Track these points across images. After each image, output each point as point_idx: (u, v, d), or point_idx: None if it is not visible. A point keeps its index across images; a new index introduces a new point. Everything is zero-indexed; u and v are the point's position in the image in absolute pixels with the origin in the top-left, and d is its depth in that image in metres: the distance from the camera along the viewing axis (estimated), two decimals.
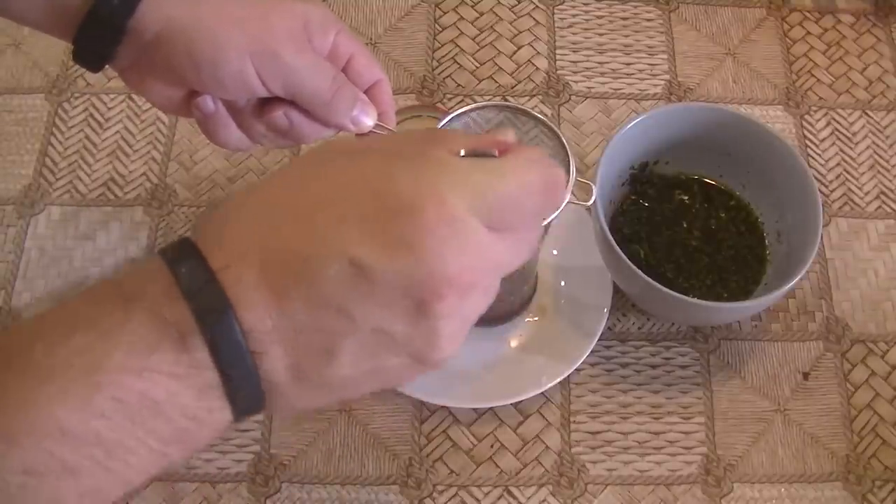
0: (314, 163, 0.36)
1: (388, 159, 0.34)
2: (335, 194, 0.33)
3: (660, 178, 0.69)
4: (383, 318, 0.33)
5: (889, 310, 0.69)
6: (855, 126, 0.78)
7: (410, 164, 0.34)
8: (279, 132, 0.51)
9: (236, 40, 0.46)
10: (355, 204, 0.33)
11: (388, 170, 0.34)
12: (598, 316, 0.65)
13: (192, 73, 0.47)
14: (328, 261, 0.32)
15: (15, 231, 0.70)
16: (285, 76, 0.47)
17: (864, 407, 0.66)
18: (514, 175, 0.35)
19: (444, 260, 0.32)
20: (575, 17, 0.82)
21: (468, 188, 0.34)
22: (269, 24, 0.47)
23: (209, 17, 0.46)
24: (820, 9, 0.84)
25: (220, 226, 0.34)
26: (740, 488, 0.63)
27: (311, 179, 0.35)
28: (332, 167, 0.35)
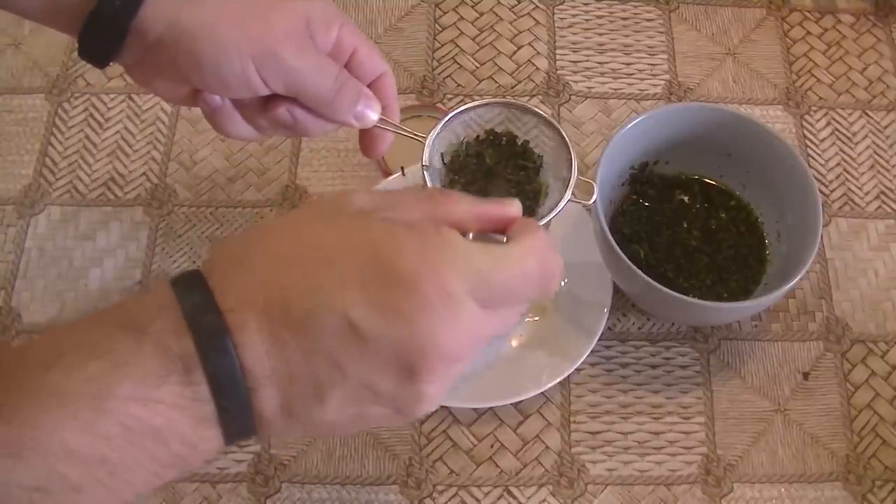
0: (325, 215, 0.38)
1: (397, 230, 0.36)
2: (341, 255, 0.35)
3: (660, 178, 0.69)
4: (372, 376, 0.35)
5: (889, 310, 0.69)
6: (855, 126, 0.78)
7: (419, 240, 0.36)
8: (283, 127, 0.52)
9: (237, 42, 0.46)
10: (360, 268, 0.35)
11: (397, 241, 0.35)
12: (598, 316, 0.65)
13: (195, 74, 0.48)
14: (327, 318, 0.34)
15: (15, 231, 0.70)
16: (287, 76, 0.48)
17: (864, 407, 0.66)
18: (517, 265, 0.38)
19: (436, 335, 0.35)
20: (575, 17, 0.82)
21: (470, 273, 0.36)
22: (270, 25, 0.47)
23: (211, 19, 0.46)
24: (820, 9, 0.84)
25: (229, 268, 0.36)
26: (740, 488, 0.63)
27: (320, 234, 0.37)
28: (342, 225, 0.37)
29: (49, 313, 0.67)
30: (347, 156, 0.74)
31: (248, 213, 0.72)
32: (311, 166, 0.74)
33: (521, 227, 0.40)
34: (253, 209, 0.72)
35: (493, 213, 0.40)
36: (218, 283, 0.35)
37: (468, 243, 0.37)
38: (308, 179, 0.73)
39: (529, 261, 0.38)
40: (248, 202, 0.72)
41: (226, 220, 0.71)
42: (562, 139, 0.52)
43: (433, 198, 0.39)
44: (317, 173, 0.74)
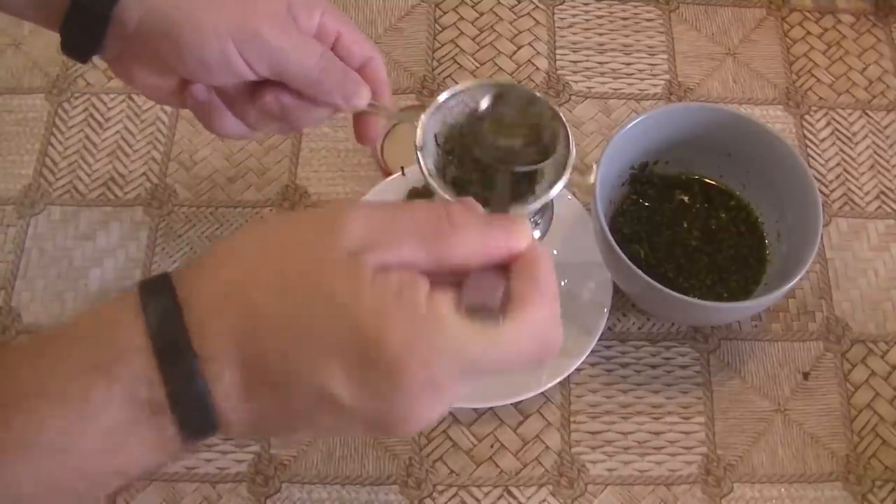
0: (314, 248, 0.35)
1: (387, 307, 0.33)
2: (324, 323, 0.34)
3: (660, 178, 0.69)
4: (344, 429, 0.36)
5: (889, 310, 0.69)
6: (855, 126, 0.78)
7: (409, 323, 0.33)
8: (273, 117, 0.51)
9: (217, 24, 0.46)
10: (342, 342, 0.33)
11: (384, 321, 0.33)
12: (598, 315, 0.65)
13: (176, 59, 0.47)
14: (305, 385, 0.34)
15: (15, 231, 0.70)
16: (270, 57, 0.47)
17: (864, 407, 0.66)
18: (512, 349, 0.35)
19: (413, 412, 0.34)
20: (575, 17, 0.82)
21: (460, 360, 0.34)
22: (251, 6, 0.47)
23: (188, 2, 0.46)
24: (820, 9, 0.84)
25: (209, 303, 0.34)
26: (740, 488, 0.63)
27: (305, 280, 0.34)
28: (329, 277, 0.34)
29: (49, 313, 0.67)
30: (347, 156, 0.74)
31: (248, 212, 0.72)
32: (311, 166, 0.74)
33: (526, 284, 0.36)
34: (253, 209, 0.72)
35: (499, 247, 0.37)
36: (195, 322, 0.34)
37: (461, 326, 0.34)
38: (308, 179, 0.73)
39: (526, 343, 0.36)
40: (248, 202, 0.72)
41: (226, 220, 0.71)
42: (559, 121, 0.52)
43: (437, 231, 0.36)
44: (317, 173, 0.73)
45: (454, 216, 0.36)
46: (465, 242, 0.36)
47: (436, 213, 0.36)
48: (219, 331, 0.34)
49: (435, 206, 0.37)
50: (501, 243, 0.37)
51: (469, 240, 0.36)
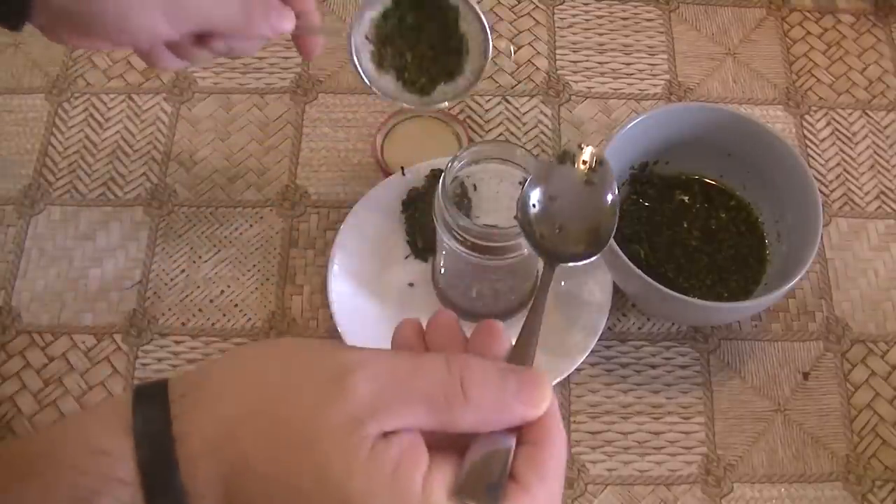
0: (315, 399, 0.34)
1: (379, 492, 0.32)
2: (314, 492, 0.33)
3: (660, 178, 0.69)
4: None
5: (889, 310, 0.69)
6: (855, 126, 0.78)
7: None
8: (215, 55, 0.54)
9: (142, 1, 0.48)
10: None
11: (372, 502, 0.32)
12: (598, 315, 0.65)
13: (105, 35, 0.49)
14: None
15: (15, 231, 0.70)
16: (196, 18, 0.50)
17: (864, 407, 0.66)
18: None
19: None
20: (575, 17, 0.82)
21: None
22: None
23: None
24: (820, 9, 0.84)
25: (200, 452, 0.34)
26: (740, 488, 0.63)
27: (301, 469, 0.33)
28: (325, 444, 0.33)
29: (49, 313, 0.67)
30: (347, 156, 0.74)
31: (249, 212, 0.72)
32: (311, 166, 0.74)
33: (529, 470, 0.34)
34: (253, 209, 0.72)
35: (512, 420, 0.35)
36: (186, 458, 0.33)
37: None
38: (308, 179, 0.73)
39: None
40: (248, 202, 0.72)
41: (226, 220, 0.71)
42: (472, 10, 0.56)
43: (449, 400, 0.34)
44: (317, 173, 0.73)
45: (469, 385, 0.34)
46: (475, 414, 0.34)
47: (450, 378, 0.34)
48: (208, 474, 0.33)
49: (449, 368, 0.34)
50: (516, 417, 0.35)
51: (481, 412, 0.34)
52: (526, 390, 0.35)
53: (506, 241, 0.55)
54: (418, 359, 0.35)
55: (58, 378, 0.65)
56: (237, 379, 0.35)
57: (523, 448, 0.35)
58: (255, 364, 0.36)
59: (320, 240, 0.71)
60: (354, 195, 0.71)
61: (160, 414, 0.34)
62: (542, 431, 0.35)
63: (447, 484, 0.33)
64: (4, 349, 0.66)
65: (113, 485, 0.33)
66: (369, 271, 0.67)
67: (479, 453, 0.34)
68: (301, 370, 0.35)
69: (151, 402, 0.34)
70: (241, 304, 0.68)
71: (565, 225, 0.46)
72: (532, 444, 0.35)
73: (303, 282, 0.69)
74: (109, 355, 0.66)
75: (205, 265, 0.70)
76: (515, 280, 0.62)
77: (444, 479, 0.33)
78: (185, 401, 0.34)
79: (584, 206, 0.47)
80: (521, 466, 0.34)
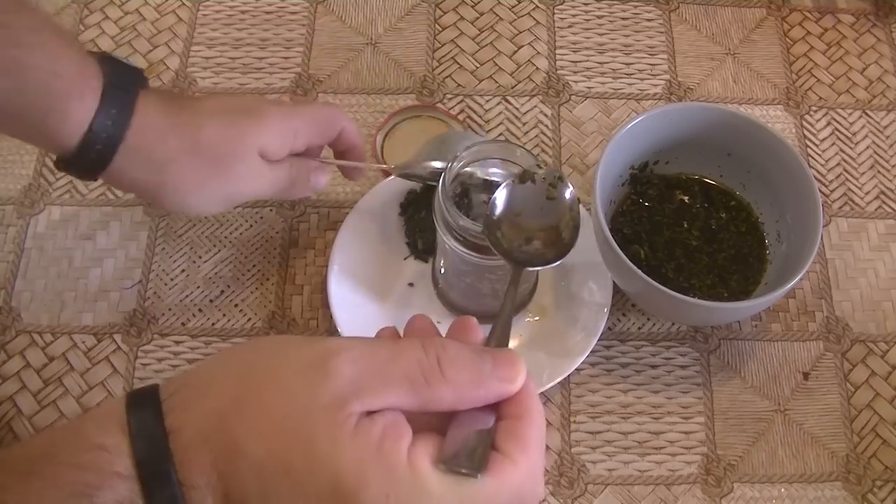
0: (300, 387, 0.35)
1: (367, 464, 0.34)
2: (303, 472, 0.34)
3: (660, 178, 0.69)
4: None
5: (889, 310, 0.70)
6: (855, 126, 0.78)
7: (387, 477, 0.34)
8: None
9: (199, 193, 0.54)
10: (321, 489, 0.34)
11: (363, 478, 0.34)
12: (598, 315, 0.65)
13: (162, 207, 0.59)
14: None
15: (15, 231, 0.70)
16: (248, 198, 0.58)
17: (864, 407, 0.66)
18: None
19: None
20: (575, 17, 0.82)
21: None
22: (230, 173, 0.54)
23: (174, 180, 0.53)
24: (820, 9, 0.84)
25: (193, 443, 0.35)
26: (740, 488, 0.63)
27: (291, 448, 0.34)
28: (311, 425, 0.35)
29: (49, 313, 0.67)
30: None
31: (249, 212, 0.72)
32: None
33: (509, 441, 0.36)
34: (253, 209, 0.72)
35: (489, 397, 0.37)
36: (180, 451, 0.35)
37: (439, 483, 0.34)
38: None
39: (503, 500, 0.35)
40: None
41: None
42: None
43: (427, 379, 0.36)
44: None
45: (446, 364, 0.36)
46: (454, 391, 0.36)
47: (427, 358, 0.36)
48: (202, 462, 0.35)
49: (426, 349, 0.36)
50: (493, 393, 0.37)
51: (459, 388, 0.36)
52: (501, 367, 0.37)
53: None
54: (396, 343, 0.38)
55: (58, 378, 0.65)
56: (224, 373, 0.37)
57: (504, 423, 0.37)
58: (240, 358, 0.38)
59: (320, 240, 0.71)
60: (354, 195, 0.71)
61: (153, 411, 0.35)
62: (519, 406, 0.37)
63: (431, 455, 0.35)
64: (4, 349, 0.66)
65: (112, 479, 0.34)
66: (369, 271, 0.67)
67: (462, 429, 0.36)
68: (285, 359, 0.37)
69: (144, 402, 0.36)
70: (241, 304, 0.68)
71: (532, 236, 0.51)
72: (512, 419, 0.37)
73: (303, 282, 0.69)
74: (109, 355, 0.66)
75: (205, 265, 0.70)
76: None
77: (427, 451, 0.35)
78: (175, 398, 0.36)
79: (547, 217, 0.52)
80: (503, 439, 0.36)
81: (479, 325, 0.41)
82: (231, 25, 0.80)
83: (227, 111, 0.54)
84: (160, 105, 0.52)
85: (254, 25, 0.80)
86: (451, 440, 0.36)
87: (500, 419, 0.37)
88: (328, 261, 0.67)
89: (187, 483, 0.34)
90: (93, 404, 0.64)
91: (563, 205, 0.52)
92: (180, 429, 0.35)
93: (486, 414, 0.37)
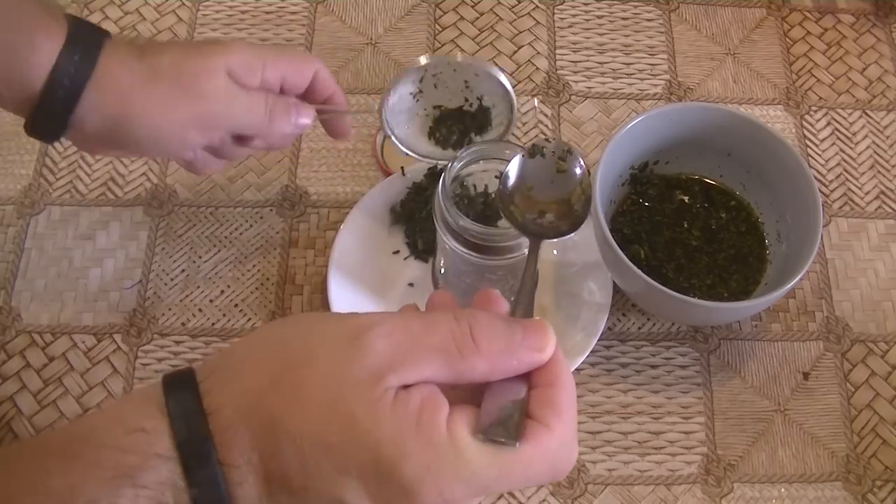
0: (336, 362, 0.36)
1: (406, 432, 0.34)
2: (344, 444, 0.34)
3: (660, 178, 0.69)
4: None
5: (889, 310, 0.70)
6: (855, 126, 0.78)
7: (426, 449, 0.34)
8: (257, 149, 0.59)
9: (171, 120, 0.52)
10: (361, 463, 0.34)
11: (403, 446, 0.34)
12: (598, 315, 0.65)
13: (138, 151, 0.56)
14: (324, 495, 0.35)
15: (15, 231, 0.70)
16: (226, 126, 0.55)
17: (864, 407, 0.66)
18: (526, 472, 0.36)
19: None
20: (575, 17, 0.82)
21: (474, 483, 0.35)
22: (198, 93, 0.52)
23: (141, 109, 0.51)
24: (820, 9, 0.84)
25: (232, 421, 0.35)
26: (740, 488, 0.63)
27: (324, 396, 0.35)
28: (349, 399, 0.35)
29: (49, 313, 0.67)
30: (347, 156, 0.74)
31: (249, 212, 0.72)
32: (311, 166, 0.74)
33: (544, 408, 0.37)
34: (253, 209, 0.72)
35: (521, 366, 0.37)
36: (219, 430, 0.35)
37: (478, 451, 0.35)
38: (308, 179, 0.73)
39: (539, 466, 0.36)
40: (248, 202, 0.72)
41: (226, 220, 0.71)
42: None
43: (461, 350, 0.36)
44: (317, 173, 0.74)
45: (478, 334, 0.37)
46: (487, 361, 0.37)
47: (460, 330, 0.36)
48: (241, 441, 0.35)
49: (459, 321, 0.37)
50: (524, 362, 0.37)
51: (492, 359, 0.37)
52: (531, 336, 0.38)
53: (506, 242, 0.55)
54: (429, 315, 0.38)
55: (58, 378, 0.65)
56: (259, 352, 0.37)
57: (536, 391, 0.37)
58: (274, 337, 0.38)
59: (320, 240, 0.71)
60: (354, 195, 0.71)
61: (190, 393, 0.36)
62: (550, 374, 0.38)
63: (469, 425, 0.35)
64: (4, 349, 0.66)
65: (153, 460, 0.34)
66: (369, 271, 0.67)
67: (496, 399, 0.37)
68: (319, 336, 0.37)
69: (180, 385, 0.36)
70: (241, 304, 0.68)
71: (545, 209, 0.51)
72: (544, 387, 0.37)
73: (303, 282, 0.69)
74: (109, 355, 0.66)
75: (205, 265, 0.70)
76: (516, 280, 0.62)
77: (465, 422, 0.35)
78: (212, 379, 0.36)
79: (559, 190, 0.52)
80: (536, 407, 0.37)
81: (502, 297, 0.41)
82: (231, 26, 0.80)
83: (193, 43, 0.54)
84: (126, 44, 0.52)
85: (254, 26, 0.80)
86: (487, 410, 0.36)
87: (531, 388, 0.37)
88: (328, 261, 0.67)
89: (227, 462, 0.34)
90: (93, 404, 0.64)
91: (573, 177, 0.52)
92: (218, 409, 0.35)
93: (517, 383, 0.37)
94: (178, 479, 0.34)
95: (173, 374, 0.37)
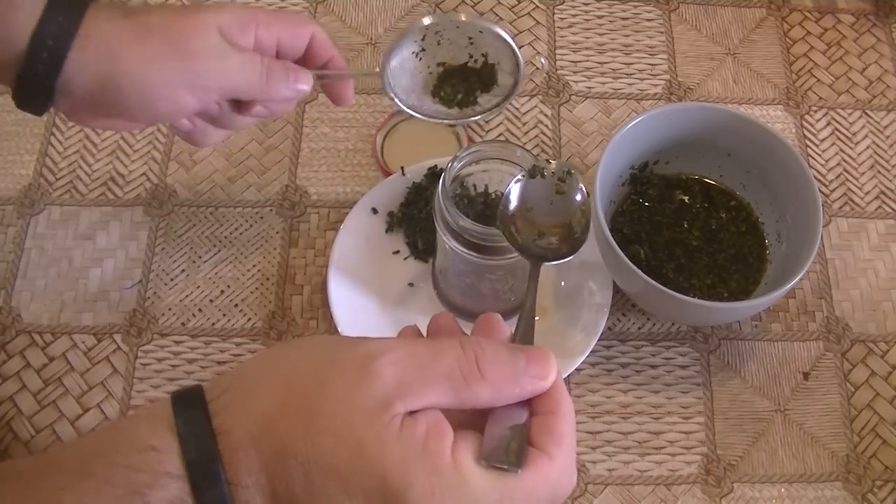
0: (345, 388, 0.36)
1: (412, 461, 0.35)
2: (350, 471, 0.35)
3: (660, 178, 0.69)
4: None
5: (889, 310, 0.70)
6: (855, 126, 0.78)
7: (432, 475, 0.35)
8: (258, 117, 0.57)
9: (162, 79, 0.50)
10: (368, 488, 0.35)
11: (409, 475, 0.35)
12: (598, 315, 0.65)
13: (130, 116, 0.52)
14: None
15: (15, 231, 0.70)
16: (219, 86, 0.52)
17: (864, 407, 0.66)
18: (526, 498, 0.36)
19: None
20: (575, 17, 0.82)
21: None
22: (187, 51, 0.50)
23: (130, 66, 0.49)
24: (820, 9, 0.84)
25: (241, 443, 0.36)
26: (740, 488, 0.63)
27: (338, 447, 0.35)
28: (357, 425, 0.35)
29: (49, 313, 0.67)
30: (347, 156, 0.74)
31: (249, 212, 0.72)
32: (311, 166, 0.74)
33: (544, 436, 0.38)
34: (253, 209, 0.72)
35: (524, 394, 0.38)
36: (228, 451, 0.35)
37: (481, 478, 0.36)
38: (308, 179, 0.73)
39: (540, 492, 0.37)
40: (248, 202, 0.72)
41: (226, 220, 0.71)
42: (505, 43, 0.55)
43: (467, 379, 0.37)
44: (317, 173, 0.73)
45: (483, 363, 0.37)
46: (491, 389, 0.37)
47: (465, 358, 0.37)
48: (250, 462, 0.35)
49: (465, 349, 0.38)
50: (527, 390, 0.38)
51: (496, 386, 0.37)
52: (534, 364, 0.38)
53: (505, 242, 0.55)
54: (435, 343, 0.38)
55: (58, 378, 0.65)
56: (269, 376, 0.38)
57: (538, 418, 0.38)
58: (284, 361, 0.39)
59: (320, 240, 0.71)
60: (354, 195, 0.71)
61: (200, 413, 0.36)
62: (551, 402, 0.38)
63: (473, 451, 0.36)
64: (4, 349, 0.66)
65: (163, 479, 0.35)
66: (369, 271, 0.67)
67: (498, 425, 0.37)
68: (328, 362, 0.38)
69: (190, 404, 0.37)
70: (241, 304, 0.68)
71: (545, 231, 0.51)
72: (545, 414, 0.38)
73: (303, 282, 0.69)
74: (109, 355, 0.66)
75: (205, 265, 0.70)
76: (515, 280, 0.62)
77: (469, 448, 0.36)
78: (222, 400, 0.37)
79: (558, 213, 0.52)
80: (538, 434, 0.38)
81: (504, 322, 0.42)
82: None
83: (182, 6, 0.52)
84: (112, 5, 0.51)
85: None
86: (489, 437, 0.37)
87: (532, 415, 0.38)
88: (328, 261, 0.67)
89: (235, 482, 0.35)
90: (93, 404, 0.64)
91: (573, 202, 0.52)
92: (228, 431, 0.36)
93: (519, 410, 0.38)
94: (187, 497, 0.35)
95: (182, 393, 0.37)
